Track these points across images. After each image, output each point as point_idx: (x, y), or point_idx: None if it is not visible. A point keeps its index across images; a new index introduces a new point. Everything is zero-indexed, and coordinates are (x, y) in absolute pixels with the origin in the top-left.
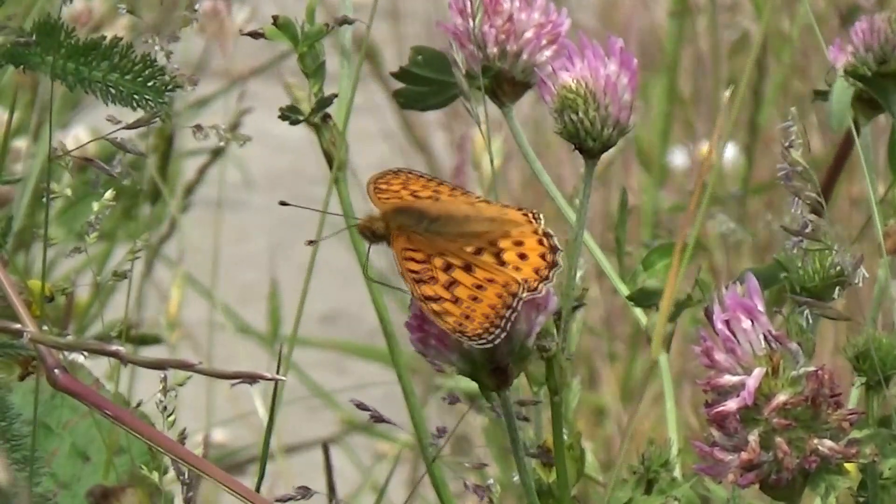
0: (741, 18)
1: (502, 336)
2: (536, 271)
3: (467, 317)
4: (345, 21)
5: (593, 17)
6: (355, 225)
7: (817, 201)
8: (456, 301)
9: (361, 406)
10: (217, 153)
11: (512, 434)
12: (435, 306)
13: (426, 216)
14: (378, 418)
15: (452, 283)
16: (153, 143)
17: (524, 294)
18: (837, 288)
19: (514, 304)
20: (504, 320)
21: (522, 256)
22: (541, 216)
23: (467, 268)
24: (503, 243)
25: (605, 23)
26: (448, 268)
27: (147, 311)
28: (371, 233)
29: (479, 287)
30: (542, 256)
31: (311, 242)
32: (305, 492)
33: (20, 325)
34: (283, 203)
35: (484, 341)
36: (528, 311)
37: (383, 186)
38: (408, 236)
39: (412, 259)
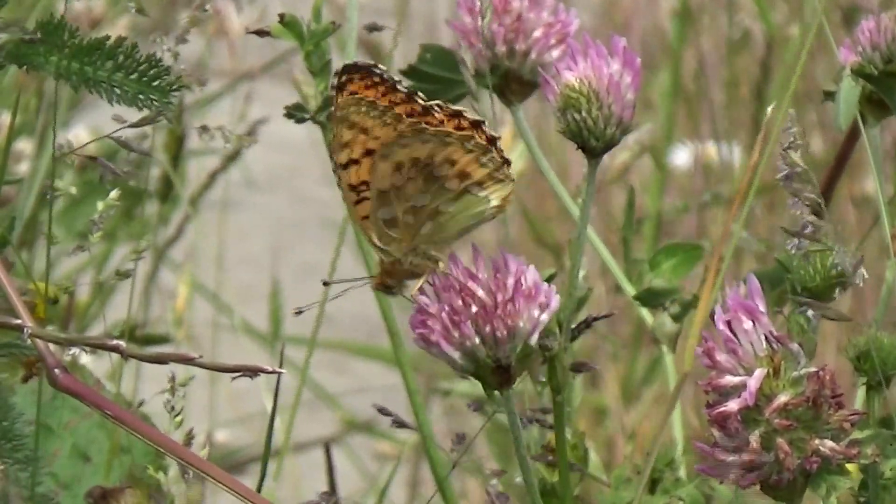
0: (742, 17)
1: None
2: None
3: None
4: (374, 28)
5: (595, 17)
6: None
7: (817, 202)
8: None
9: (383, 411)
10: (231, 158)
11: (515, 433)
12: None
13: None
14: (400, 423)
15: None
16: (165, 143)
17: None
18: (838, 289)
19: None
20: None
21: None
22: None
23: None
24: None
25: (607, 22)
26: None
27: (152, 313)
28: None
29: None
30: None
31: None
32: (328, 498)
33: (20, 321)
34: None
35: None
36: (531, 310)
37: None
38: None
39: None
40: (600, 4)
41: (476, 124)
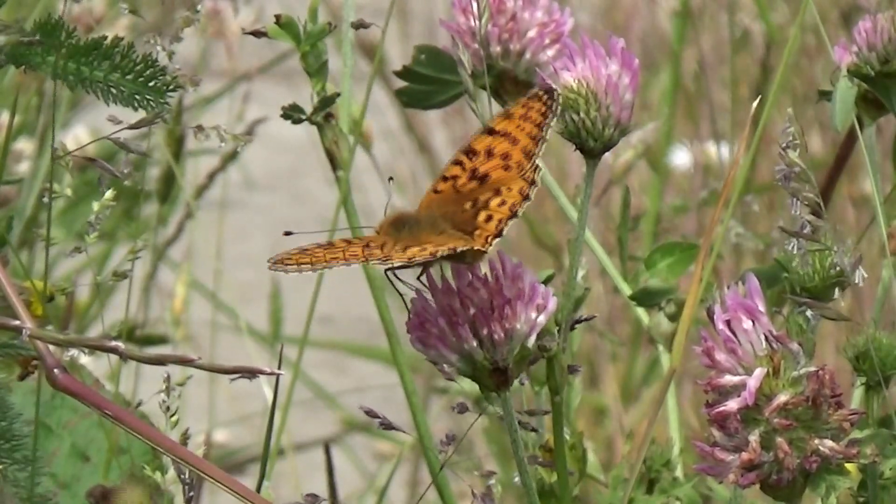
0: (742, 17)
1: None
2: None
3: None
4: (361, 25)
5: (594, 17)
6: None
7: (816, 202)
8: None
9: (371, 413)
10: (230, 158)
11: (512, 435)
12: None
13: (406, 223)
14: (387, 425)
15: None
16: (165, 143)
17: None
18: (836, 288)
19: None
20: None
21: (502, 203)
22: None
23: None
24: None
25: (606, 23)
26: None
27: (151, 313)
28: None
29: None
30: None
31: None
32: (314, 499)
33: (19, 322)
34: (287, 233)
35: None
36: (528, 312)
37: None
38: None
39: None
40: (600, 4)
41: (526, 198)
